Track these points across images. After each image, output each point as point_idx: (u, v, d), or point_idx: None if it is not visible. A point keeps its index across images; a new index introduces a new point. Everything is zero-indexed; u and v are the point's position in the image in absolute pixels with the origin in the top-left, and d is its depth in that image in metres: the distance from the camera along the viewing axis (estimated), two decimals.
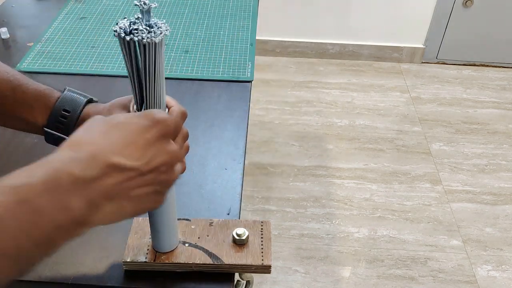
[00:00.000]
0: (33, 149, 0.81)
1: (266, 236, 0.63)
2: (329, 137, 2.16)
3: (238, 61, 1.08)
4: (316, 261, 1.64)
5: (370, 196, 1.88)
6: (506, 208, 1.86)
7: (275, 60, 2.70)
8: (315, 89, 2.48)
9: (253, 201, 1.84)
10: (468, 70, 2.67)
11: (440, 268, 1.63)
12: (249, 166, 1.99)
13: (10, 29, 1.16)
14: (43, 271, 0.62)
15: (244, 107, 0.94)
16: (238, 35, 1.18)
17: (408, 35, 2.64)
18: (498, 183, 1.96)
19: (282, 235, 1.72)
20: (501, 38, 2.59)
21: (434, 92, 2.49)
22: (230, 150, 0.83)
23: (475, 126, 2.27)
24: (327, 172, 1.98)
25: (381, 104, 2.38)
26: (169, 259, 0.60)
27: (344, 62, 2.70)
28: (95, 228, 0.67)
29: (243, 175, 0.78)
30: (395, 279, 1.59)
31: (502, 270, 1.64)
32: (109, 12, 1.26)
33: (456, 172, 2.01)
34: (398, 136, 2.19)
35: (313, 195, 1.88)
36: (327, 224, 1.77)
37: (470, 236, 1.75)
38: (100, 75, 1.01)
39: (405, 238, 1.73)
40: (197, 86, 1.00)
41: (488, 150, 2.13)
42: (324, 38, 2.67)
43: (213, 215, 0.71)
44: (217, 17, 1.25)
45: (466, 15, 2.53)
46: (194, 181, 0.76)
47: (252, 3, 1.33)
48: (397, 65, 2.69)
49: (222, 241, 0.62)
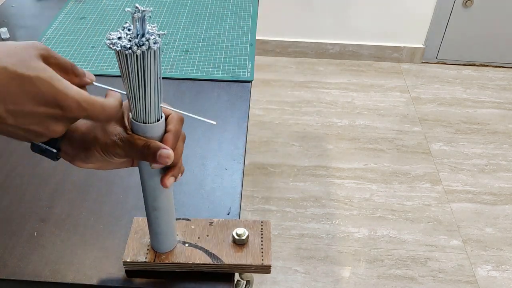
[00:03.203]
0: None
1: (266, 236, 0.63)
2: (329, 137, 2.16)
3: (238, 61, 1.08)
4: (316, 261, 1.64)
5: (370, 196, 1.88)
6: (506, 208, 1.86)
7: (275, 60, 2.70)
8: (315, 89, 2.48)
9: (253, 201, 1.84)
10: (468, 70, 2.67)
11: (440, 268, 1.63)
12: (249, 166, 1.99)
13: (10, 29, 1.16)
14: (43, 271, 0.62)
15: (244, 107, 0.94)
16: (238, 35, 1.18)
17: (408, 35, 2.64)
18: (498, 183, 1.96)
19: (282, 235, 1.72)
20: (501, 38, 2.59)
21: (434, 92, 2.49)
22: (230, 150, 0.83)
23: (475, 126, 2.27)
24: (327, 172, 1.98)
25: (381, 104, 2.38)
26: (169, 259, 0.60)
27: (344, 62, 2.71)
28: (95, 228, 0.67)
29: (243, 175, 0.78)
30: (395, 279, 1.59)
31: (502, 270, 1.64)
32: (109, 12, 1.27)
33: (456, 172, 2.01)
34: (398, 136, 2.19)
35: (313, 195, 1.88)
36: (327, 224, 1.77)
37: (470, 236, 1.75)
38: (100, 75, 1.01)
39: (405, 238, 1.73)
40: (197, 86, 1.00)
41: (488, 150, 2.13)
42: (324, 38, 2.67)
43: (213, 215, 0.71)
44: (217, 17, 1.25)
45: (466, 15, 2.54)
46: (194, 181, 0.76)
47: (252, 3, 1.33)
48: (397, 65, 2.69)
49: (222, 241, 0.62)
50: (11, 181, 0.75)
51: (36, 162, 0.79)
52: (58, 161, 0.53)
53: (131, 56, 0.43)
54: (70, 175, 0.77)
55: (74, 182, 0.76)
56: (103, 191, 0.74)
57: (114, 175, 0.77)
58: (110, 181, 0.76)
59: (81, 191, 0.74)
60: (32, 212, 0.71)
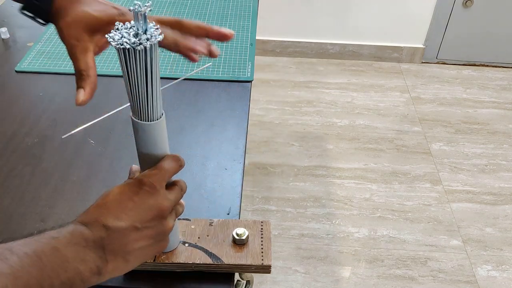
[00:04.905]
0: (33, 149, 0.81)
1: (266, 236, 0.63)
2: (329, 137, 2.16)
3: (238, 61, 1.08)
4: (316, 261, 1.64)
5: (370, 196, 1.88)
6: (506, 208, 1.86)
7: (275, 60, 2.70)
8: (315, 89, 2.48)
9: (253, 201, 1.84)
10: (468, 70, 2.67)
11: (440, 268, 1.63)
12: (249, 166, 1.99)
13: (10, 29, 1.16)
14: None
15: (244, 107, 0.94)
16: (238, 35, 1.18)
17: (408, 35, 2.64)
18: (498, 183, 1.96)
19: (282, 235, 1.72)
20: (501, 38, 2.59)
21: (434, 92, 2.49)
22: (230, 150, 0.83)
23: (475, 126, 2.27)
24: (327, 172, 1.98)
25: (381, 104, 2.38)
26: (169, 259, 0.60)
27: (344, 62, 2.71)
28: None
29: (243, 175, 0.78)
30: (395, 279, 1.59)
31: (502, 270, 1.64)
32: None
33: (456, 172, 2.01)
34: (398, 136, 2.19)
35: (313, 195, 1.88)
36: (327, 224, 1.77)
37: (470, 236, 1.75)
38: (99, 75, 1.00)
39: (405, 238, 1.73)
40: (197, 86, 1.00)
41: (488, 150, 2.13)
42: (324, 38, 2.67)
43: (213, 215, 0.71)
44: (217, 17, 1.25)
45: (466, 15, 2.54)
46: (194, 181, 0.76)
47: (252, 3, 1.33)
48: (397, 65, 2.69)
49: (222, 241, 0.62)
50: (11, 181, 0.75)
51: (36, 162, 0.79)
52: (58, 161, 0.53)
53: (139, 52, 0.43)
54: (70, 175, 0.77)
55: (74, 182, 0.76)
56: (103, 191, 0.74)
57: (114, 175, 0.77)
58: (110, 181, 0.76)
59: (81, 191, 0.74)
60: (32, 212, 0.71)
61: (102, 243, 0.45)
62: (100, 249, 0.44)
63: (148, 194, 0.48)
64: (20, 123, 0.88)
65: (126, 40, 0.43)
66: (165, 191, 0.50)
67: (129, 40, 0.43)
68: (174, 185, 0.52)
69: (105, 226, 0.45)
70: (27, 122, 0.88)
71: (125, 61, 0.44)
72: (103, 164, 0.79)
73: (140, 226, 0.47)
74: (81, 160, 0.80)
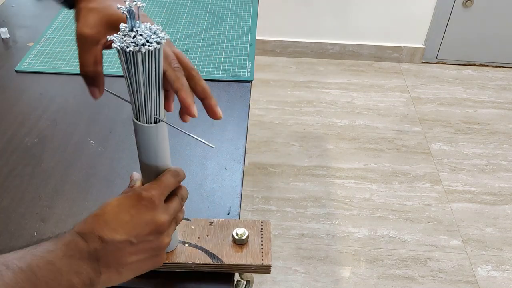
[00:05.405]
0: (33, 149, 0.81)
1: (266, 236, 0.63)
2: (329, 137, 2.16)
3: (238, 61, 1.08)
4: (316, 261, 1.64)
5: (370, 196, 1.88)
6: (506, 208, 1.86)
7: (275, 60, 2.70)
8: (315, 89, 2.48)
9: (253, 201, 1.84)
10: (468, 70, 2.67)
11: (440, 268, 1.63)
12: (249, 166, 1.99)
13: (10, 29, 1.16)
14: None
15: (244, 107, 0.94)
16: (238, 35, 1.18)
17: (408, 35, 2.64)
18: (498, 183, 1.96)
19: (282, 235, 1.72)
20: (501, 38, 2.59)
21: (434, 92, 2.49)
22: (230, 150, 0.83)
23: (475, 126, 2.27)
24: (327, 172, 1.98)
25: (381, 104, 2.38)
26: (169, 259, 0.60)
27: (344, 62, 2.71)
28: None
29: (243, 175, 0.78)
30: (395, 279, 1.59)
31: (502, 270, 1.64)
32: None
33: (456, 172, 2.01)
34: (398, 136, 2.19)
35: (313, 195, 1.88)
36: (327, 224, 1.77)
37: (470, 236, 1.75)
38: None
39: (405, 238, 1.73)
40: None
41: (488, 150, 2.13)
42: (324, 38, 2.67)
43: (213, 215, 0.71)
44: (217, 17, 1.25)
45: (466, 15, 2.54)
46: (194, 181, 0.76)
47: (252, 3, 1.33)
48: (397, 65, 2.69)
49: (222, 241, 0.62)
50: (11, 181, 0.75)
51: (36, 162, 0.79)
52: (58, 161, 0.53)
53: (147, 54, 0.43)
54: (70, 175, 0.77)
55: (74, 182, 0.76)
56: (103, 191, 0.74)
57: (114, 175, 0.77)
58: (110, 181, 0.76)
59: (81, 191, 0.74)
60: (32, 212, 0.71)
61: (97, 255, 0.45)
62: (94, 261, 0.45)
63: (146, 208, 0.48)
64: (20, 123, 0.88)
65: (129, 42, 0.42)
66: (164, 205, 0.50)
67: (140, 41, 0.42)
68: (174, 195, 0.52)
69: (101, 238, 0.46)
70: (27, 122, 0.88)
71: (127, 63, 0.44)
72: (103, 164, 0.79)
73: (136, 240, 0.47)
74: (81, 160, 0.80)
